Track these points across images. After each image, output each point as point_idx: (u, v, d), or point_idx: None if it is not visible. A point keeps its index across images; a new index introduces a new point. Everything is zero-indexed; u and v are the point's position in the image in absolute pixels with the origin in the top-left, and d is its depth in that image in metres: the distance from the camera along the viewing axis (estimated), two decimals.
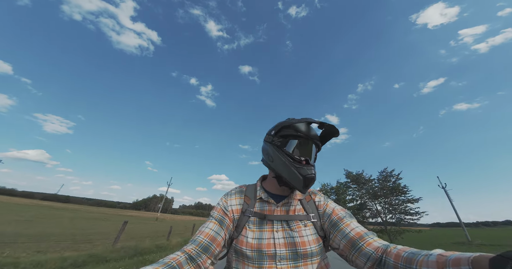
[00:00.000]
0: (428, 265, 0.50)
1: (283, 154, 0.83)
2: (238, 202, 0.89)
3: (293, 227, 0.80)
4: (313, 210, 0.86)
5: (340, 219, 0.80)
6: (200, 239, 0.74)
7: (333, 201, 0.91)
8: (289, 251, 0.75)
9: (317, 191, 0.96)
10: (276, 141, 0.86)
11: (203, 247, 0.72)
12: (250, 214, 0.84)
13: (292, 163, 0.80)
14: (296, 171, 0.78)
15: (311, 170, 0.79)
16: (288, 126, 0.85)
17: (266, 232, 0.79)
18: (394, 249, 0.63)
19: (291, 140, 0.85)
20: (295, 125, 0.84)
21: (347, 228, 0.76)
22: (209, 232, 0.76)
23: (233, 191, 0.95)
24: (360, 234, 0.73)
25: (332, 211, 0.84)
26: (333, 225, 0.80)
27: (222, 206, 0.87)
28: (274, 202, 0.87)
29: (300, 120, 0.83)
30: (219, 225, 0.80)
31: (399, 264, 0.58)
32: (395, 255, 0.60)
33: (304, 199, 0.90)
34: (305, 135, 0.83)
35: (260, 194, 0.89)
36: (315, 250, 0.76)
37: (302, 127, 0.84)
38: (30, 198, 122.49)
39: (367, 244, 0.69)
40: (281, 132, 0.86)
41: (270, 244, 0.76)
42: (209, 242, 0.74)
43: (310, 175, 0.78)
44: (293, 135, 0.84)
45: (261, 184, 0.95)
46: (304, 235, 0.78)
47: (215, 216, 0.83)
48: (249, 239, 0.78)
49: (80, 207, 75.86)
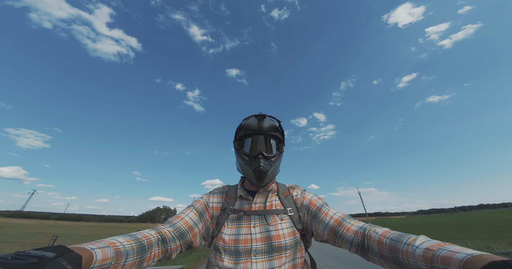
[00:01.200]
0: (415, 258, 0.49)
1: (241, 155, 0.88)
2: (220, 200, 0.92)
3: (270, 221, 0.81)
4: (290, 204, 0.89)
5: (318, 209, 0.82)
6: (179, 225, 0.73)
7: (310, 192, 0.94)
8: (264, 245, 0.76)
9: (295, 185, 0.99)
10: (236, 145, 0.92)
11: (180, 233, 0.71)
12: (229, 212, 0.85)
13: (246, 160, 0.84)
14: (248, 167, 0.83)
15: (259, 162, 0.80)
16: (241, 128, 0.91)
17: (243, 228, 0.81)
18: (374, 233, 0.63)
19: (245, 139, 0.90)
20: (245, 124, 0.89)
21: (326, 217, 0.78)
22: (189, 221, 0.77)
23: (216, 190, 0.98)
24: (338, 221, 0.75)
25: (309, 202, 0.87)
26: (313, 216, 0.82)
27: (204, 201, 0.89)
28: (251, 198, 0.89)
29: (247, 118, 0.89)
30: (198, 217, 0.81)
31: (384, 252, 0.58)
32: (377, 242, 0.60)
33: (282, 193, 0.92)
34: (254, 130, 0.87)
35: (240, 192, 0.92)
36: (289, 243, 0.77)
37: (251, 124, 0.88)
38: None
39: (346, 229, 0.71)
40: (238, 136, 0.92)
41: (247, 239, 0.77)
42: (187, 230, 0.74)
43: (258, 167, 0.80)
44: (245, 134, 0.88)
45: (242, 184, 0.97)
46: (280, 228, 0.80)
47: (197, 207, 0.84)
48: (227, 236, 0.79)
49: (97, 224, 72.95)
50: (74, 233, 31.01)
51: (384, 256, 0.58)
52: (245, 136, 0.90)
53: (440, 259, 0.44)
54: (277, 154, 0.89)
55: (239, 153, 0.89)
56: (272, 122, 0.90)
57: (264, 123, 0.87)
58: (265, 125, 0.88)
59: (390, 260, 0.56)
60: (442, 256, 0.44)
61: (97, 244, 0.48)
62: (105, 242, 0.50)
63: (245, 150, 0.88)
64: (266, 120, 0.88)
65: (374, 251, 0.61)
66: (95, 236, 27.01)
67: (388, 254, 0.56)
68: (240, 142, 0.91)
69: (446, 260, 0.44)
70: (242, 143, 0.90)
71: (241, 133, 0.90)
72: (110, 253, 0.48)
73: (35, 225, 53.35)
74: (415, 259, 0.49)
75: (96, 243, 0.49)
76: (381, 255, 0.59)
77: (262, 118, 0.87)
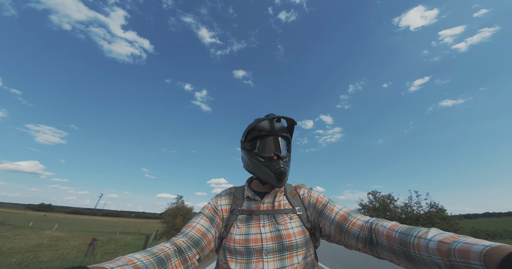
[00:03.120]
0: (429, 252, 0.46)
1: (254, 156, 0.88)
2: (228, 202, 0.92)
3: (279, 220, 0.82)
4: (298, 203, 0.89)
5: (324, 206, 0.82)
6: (192, 233, 0.73)
7: (317, 191, 0.94)
8: (275, 244, 0.76)
9: (302, 184, 0.99)
10: (247, 146, 0.92)
11: (194, 241, 0.71)
12: (238, 212, 0.86)
13: (263, 162, 0.85)
14: (267, 169, 0.83)
15: (279, 164, 0.83)
16: (253, 129, 0.90)
17: (253, 228, 0.81)
18: (381, 228, 0.61)
19: (258, 140, 0.89)
20: (258, 125, 0.88)
21: (332, 213, 0.77)
22: (201, 228, 0.76)
23: (223, 192, 0.98)
24: (343, 216, 0.74)
25: (316, 200, 0.87)
26: (319, 213, 0.82)
27: (212, 205, 0.89)
28: (260, 199, 0.89)
29: (260, 120, 0.88)
30: (210, 223, 0.80)
31: (394, 246, 0.55)
32: (386, 236, 0.58)
33: (290, 193, 0.93)
34: (268, 132, 0.87)
35: (247, 193, 0.92)
36: (300, 242, 0.77)
37: (264, 125, 0.88)
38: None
39: (352, 224, 0.70)
40: (249, 137, 0.91)
41: (257, 239, 0.77)
42: (200, 238, 0.73)
43: (279, 169, 0.81)
44: (258, 135, 0.88)
45: (249, 185, 0.98)
46: (290, 227, 0.80)
47: (206, 213, 0.84)
48: (237, 236, 0.79)
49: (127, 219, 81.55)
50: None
51: (394, 250, 0.55)
52: (257, 137, 0.89)
53: (457, 252, 0.42)
54: (288, 155, 0.90)
55: (251, 153, 0.89)
56: (282, 124, 0.91)
57: (277, 125, 0.89)
58: (278, 126, 0.89)
59: (401, 254, 0.53)
60: (459, 249, 0.42)
61: (116, 262, 0.49)
62: (124, 259, 0.50)
63: (259, 151, 0.88)
64: (279, 121, 0.89)
65: (384, 246, 0.58)
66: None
67: (398, 248, 0.54)
68: (252, 142, 0.90)
69: (464, 253, 0.42)
70: (255, 144, 0.89)
71: (254, 134, 0.89)
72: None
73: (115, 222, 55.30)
74: (429, 253, 0.46)
75: (116, 261, 0.49)
76: (391, 250, 0.56)
77: (278, 120, 0.88)
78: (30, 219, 42.56)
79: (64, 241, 13.86)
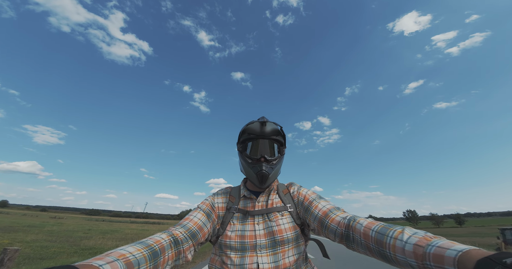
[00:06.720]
0: (405, 254, 0.47)
1: (244, 157, 0.92)
2: (224, 200, 0.95)
3: (272, 217, 0.86)
4: (289, 201, 0.93)
5: (310, 203, 0.85)
6: (190, 226, 0.74)
7: (306, 188, 0.98)
8: (268, 240, 0.80)
9: (293, 183, 1.03)
10: (239, 147, 0.97)
11: (192, 233, 0.72)
12: (234, 211, 0.89)
13: (250, 163, 0.89)
14: (251, 170, 0.88)
15: (261, 166, 0.86)
16: (244, 132, 0.94)
17: (248, 225, 0.85)
18: (358, 225, 0.63)
19: (248, 142, 0.94)
20: (248, 128, 0.92)
21: (316, 209, 0.81)
22: (198, 221, 0.78)
23: (219, 191, 1.01)
24: (325, 212, 0.77)
25: (304, 197, 0.90)
26: (305, 210, 0.85)
27: (210, 202, 0.92)
28: (255, 197, 0.93)
29: (250, 122, 0.93)
30: (206, 217, 0.83)
31: (371, 245, 0.57)
32: (363, 234, 0.60)
33: (282, 192, 0.97)
34: (257, 135, 0.91)
35: (243, 192, 0.96)
36: (291, 237, 0.82)
37: (255, 128, 0.91)
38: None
39: (331, 220, 0.73)
40: (241, 139, 0.96)
41: (252, 235, 0.81)
42: (197, 230, 0.75)
43: (260, 171, 0.85)
44: (248, 138, 0.93)
45: (245, 184, 1.01)
46: (281, 223, 0.84)
47: (204, 208, 0.86)
48: (233, 233, 0.83)
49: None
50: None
51: (370, 248, 0.58)
52: (248, 139, 0.94)
53: (432, 256, 0.43)
54: (278, 157, 0.93)
55: (242, 155, 0.94)
56: (275, 126, 0.94)
57: (266, 128, 0.91)
58: (267, 129, 0.91)
59: (376, 252, 0.56)
60: (434, 254, 0.43)
61: (106, 258, 0.45)
62: (114, 254, 0.46)
63: (247, 152, 0.92)
64: (268, 124, 0.91)
65: (360, 244, 0.61)
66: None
67: (374, 247, 0.56)
68: (243, 144, 0.95)
69: (438, 258, 0.43)
70: (245, 146, 0.94)
71: (244, 137, 0.94)
72: (120, 267, 0.45)
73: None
74: (404, 255, 0.47)
75: (106, 257, 0.45)
76: (367, 248, 0.59)
77: (264, 124, 0.91)
78: (84, 224, 35.50)
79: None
